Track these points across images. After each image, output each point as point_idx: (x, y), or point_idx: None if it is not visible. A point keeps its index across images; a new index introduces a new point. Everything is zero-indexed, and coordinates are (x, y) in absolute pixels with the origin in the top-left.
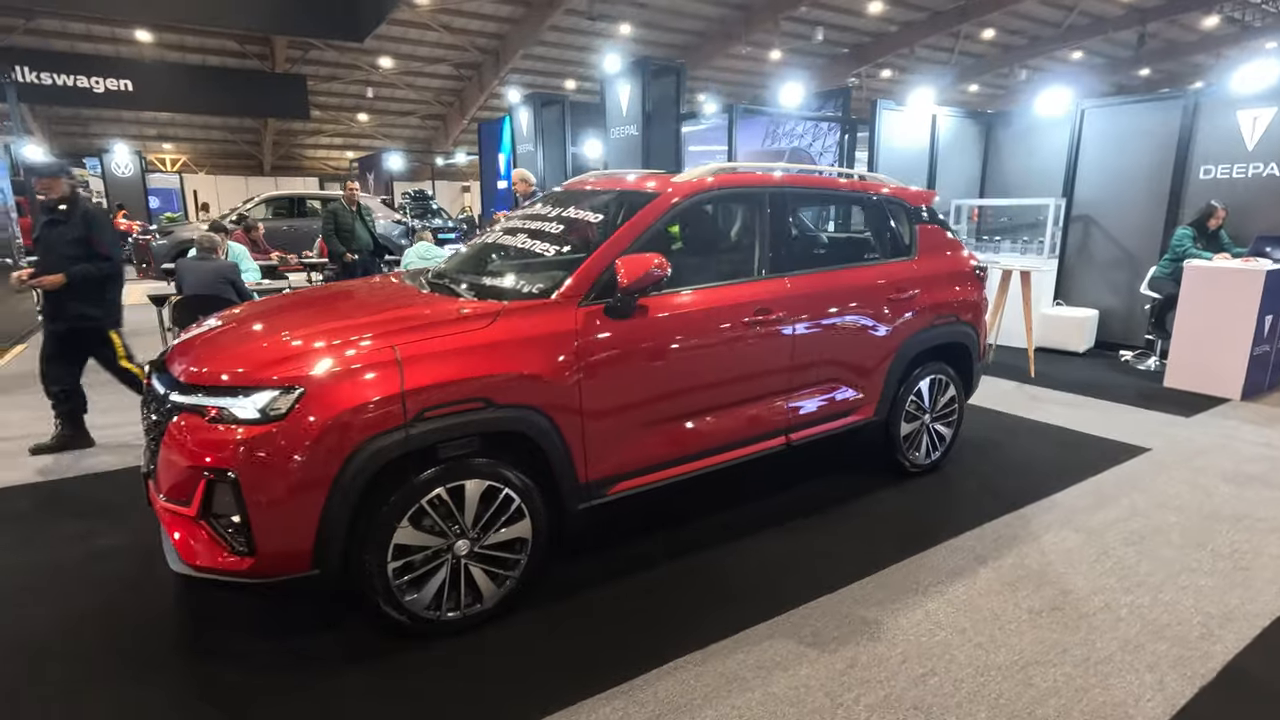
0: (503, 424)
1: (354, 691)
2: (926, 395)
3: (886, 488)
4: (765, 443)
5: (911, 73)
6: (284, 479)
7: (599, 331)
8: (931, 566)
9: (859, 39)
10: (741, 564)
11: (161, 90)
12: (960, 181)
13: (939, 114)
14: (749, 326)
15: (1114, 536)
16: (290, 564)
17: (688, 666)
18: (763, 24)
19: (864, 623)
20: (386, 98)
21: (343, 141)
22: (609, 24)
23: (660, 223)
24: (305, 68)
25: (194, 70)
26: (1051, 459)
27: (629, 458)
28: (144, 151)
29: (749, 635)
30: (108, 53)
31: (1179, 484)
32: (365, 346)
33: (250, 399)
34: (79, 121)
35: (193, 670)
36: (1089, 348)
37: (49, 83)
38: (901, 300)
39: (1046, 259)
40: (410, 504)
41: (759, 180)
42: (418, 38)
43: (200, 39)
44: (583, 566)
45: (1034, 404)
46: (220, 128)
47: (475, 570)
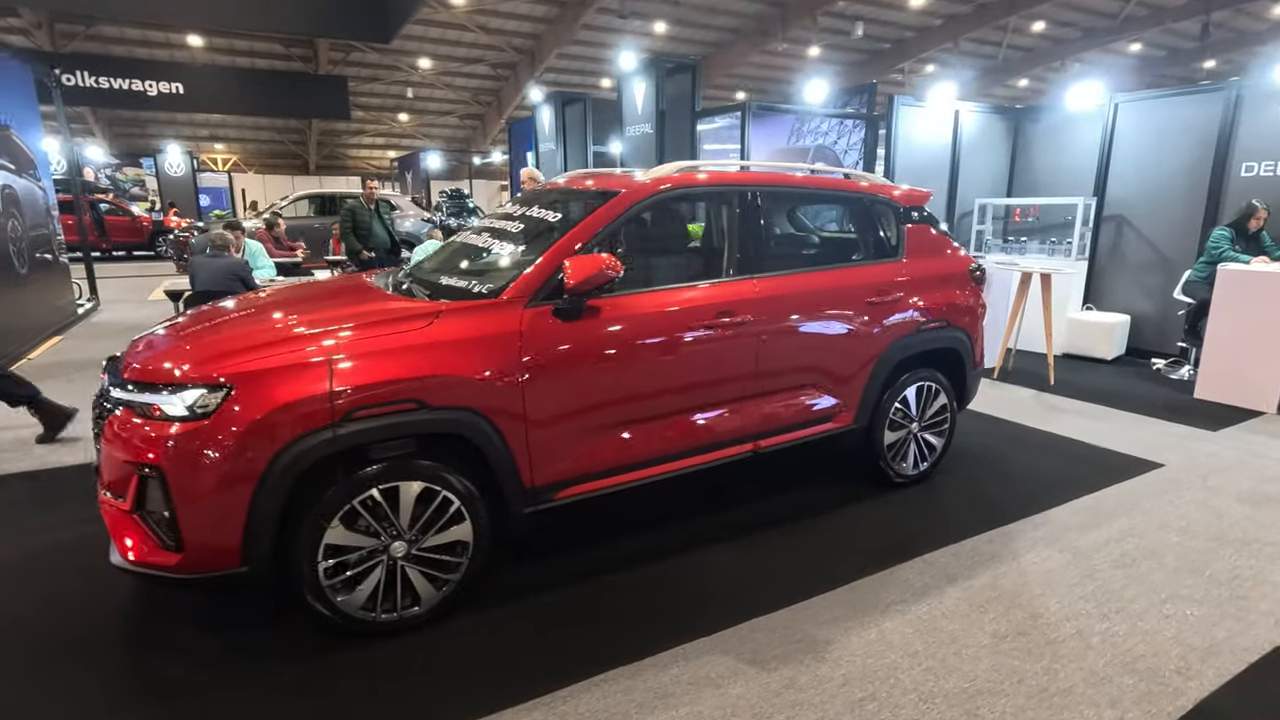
0: (438, 426)
1: (284, 689)
2: (913, 403)
3: (868, 498)
4: (730, 449)
5: (957, 67)
6: (210, 476)
7: (545, 333)
8: (900, 583)
9: (901, 33)
10: (700, 574)
11: (210, 92)
12: (985, 180)
13: (962, 110)
14: (709, 330)
15: (1103, 558)
16: (218, 561)
17: (618, 679)
18: (800, 20)
19: (812, 641)
20: (426, 98)
21: (384, 141)
22: (643, 22)
23: (616, 223)
24: (347, 69)
25: (241, 73)
26: (1053, 473)
27: (579, 462)
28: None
29: (689, 649)
30: (162, 57)
31: (1188, 503)
32: (297, 346)
33: (179, 396)
34: (137, 123)
35: (133, 662)
36: (1119, 355)
37: (106, 86)
38: (884, 304)
39: (1074, 260)
40: (341, 504)
41: (726, 179)
42: (455, 38)
43: (248, 42)
44: (534, 571)
45: (1048, 414)
46: (268, 128)
47: (412, 572)
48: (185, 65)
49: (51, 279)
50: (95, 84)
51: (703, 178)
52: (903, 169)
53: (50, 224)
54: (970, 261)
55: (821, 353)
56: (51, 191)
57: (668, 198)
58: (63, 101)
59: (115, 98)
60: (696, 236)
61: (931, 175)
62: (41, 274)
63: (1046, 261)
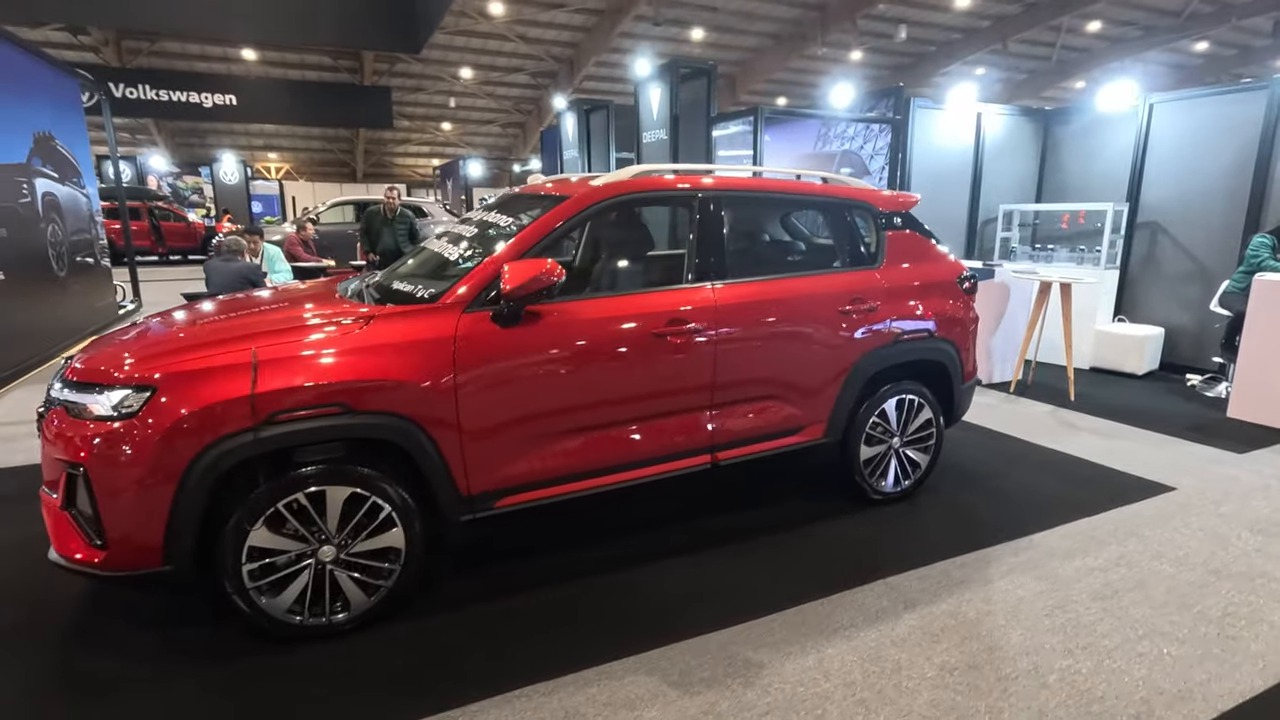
0: (364, 430)
1: (209, 689)
2: (894, 417)
3: (842, 515)
4: (685, 460)
5: (1007, 69)
6: (132, 475)
7: (481, 339)
8: (854, 606)
9: (947, 36)
10: (645, 589)
11: (261, 103)
12: (1011, 185)
13: (985, 112)
14: (658, 338)
15: (1083, 588)
16: (141, 559)
17: (532, 696)
18: (839, 23)
19: (745, 664)
20: (468, 107)
21: (429, 150)
22: (680, 29)
23: (563, 228)
24: (392, 80)
25: (290, 84)
26: (1050, 494)
27: (519, 470)
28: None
29: (614, 668)
30: (219, 70)
31: (1193, 530)
32: (225, 349)
33: (106, 396)
34: (197, 133)
35: (63, 656)
36: (1151, 370)
37: (165, 99)
38: (858, 313)
39: (1103, 269)
40: (265, 507)
41: (686, 184)
42: (496, 48)
43: (299, 55)
44: (476, 579)
45: (1061, 431)
46: (319, 137)
47: (342, 578)
48: (238, 78)
49: (92, 281)
50: (155, 96)
51: (657, 183)
52: (920, 174)
53: (92, 229)
54: (960, 270)
55: (786, 363)
56: (96, 198)
57: (619, 203)
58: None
59: (173, 109)
60: (654, 243)
61: (952, 180)
62: (82, 276)
63: (1066, 270)
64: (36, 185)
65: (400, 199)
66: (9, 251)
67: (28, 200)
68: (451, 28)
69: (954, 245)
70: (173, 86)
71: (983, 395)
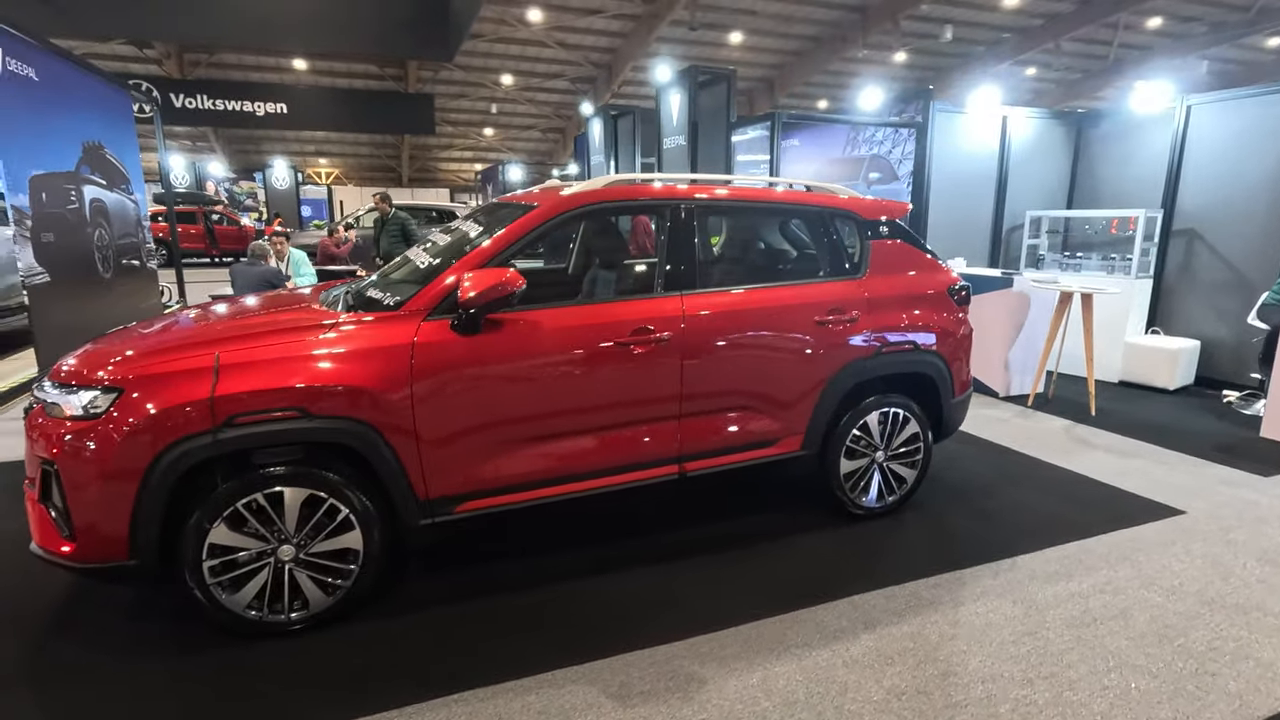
0: (321, 435)
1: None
2: (876, 431)
3: (819, 530)
4: (651, 470)
5: (1061, 70)
6: (97, 471)
7: (440, 347)
8: (813, 624)
9: (995, 35)
10: (604, 598)
11: (310, 111)
12: (1040, 191)
13: (1011, 116)
14: (622, 347)
15: (1058, 615)
16: (107, 552)
17: (470, 701)
18: (880, 25)
19: (688, 679)
20: (510, 113)
21: (472, 155)
22: (719, 33)
23: (529, 237)
24: (436, 87)
25: (337, 92)
26: (1045, 513)
27: (480, 477)
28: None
29: (558, 676)
30: (273, 80)
31: (1194, 558)
32: (190, 353)
33: (77, 396)
34: (252, 140)
35: (36, 642)
36: (1184, 385)
37: (221, 108)
38: (837, 323)
39: (1134, 278)
40: (225, 506)
41: (657, 194)
42: (535, 54)
43: (347, 64)
44: (445, 582)
45: (1073, 448)
46: (366, 143)
47: (301, 577)
48: (289, 87)
49: (138, 283)
50: (212, 106)
51: (627, 192)
52: (942, 179)
53: (140, 233)
54: (951, 280)
55: (758, 375)
56: (144, 204)
57: (587, 213)
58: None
59: (228, 118)
60: (625, 252)
61: (975, 186)
62: (127, 278)
63: (1090, 279)
64: (85, 192)
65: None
66: (56, 255)
67: (75, 206)
68: (491, 35)
69: (977, 253)
70: (227, 96)
71: (997, 409)
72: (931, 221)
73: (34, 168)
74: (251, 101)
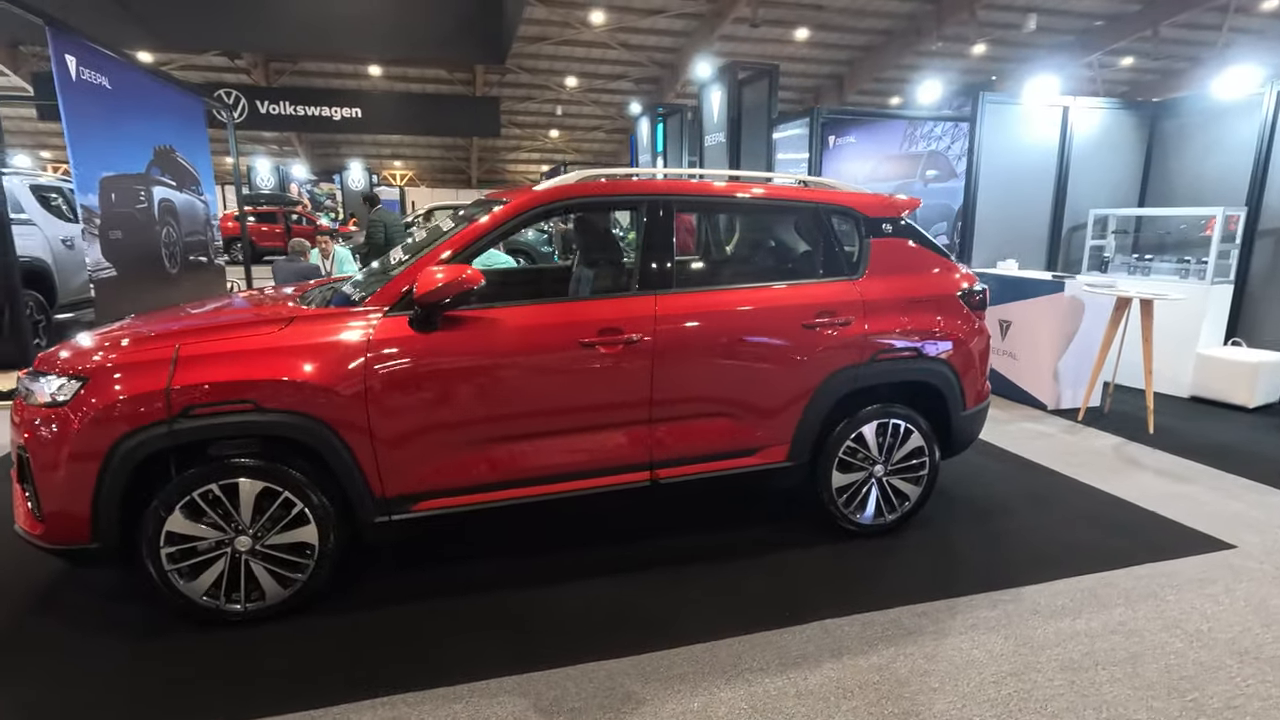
0: (274, 429)
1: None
2: (874, 443)
3: (805, 547)
4: (621, 476)
5: (1162, 59)
6: (60, 457)
7: (398, 343)
8: (775, 647)
9: (1085, 23)
10: (558, 607)
11: (382, 115)
12: (1105, 188)
13: (1073, 107)
14: (586, 348)
15: (1055, 655)
16: (71, 534)
17: (398, 705)
18: (956, 15)
19: (625, 698)
20: (575, 114)
21: (539, 157)
22: (784, 30)
23: (492, 234)
24: (503, 90)
25: (409, 97)
26: (1069, 541)
27: (438, 476)
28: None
29: (493, 685)
30: (350, 86)
31: (1234, 600)
32: (153, 346)
33: (47, 383)
34: (333, 144)
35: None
36: (1266, 403)
37: (301, 114)
38: (827, 327)
39: (1209, 284)
40: (181, 495)
41: (629, 189)
42: (599, 56)
43: (419, 70)
44: (409, 581)
45: (1119, 468)
46: (438, 146)
47: (257, 568)
48: (364, 93)
49: (204, 278)
50: (294, 112)
51: (600, 188)
52: (991, 175)
53: (208, 231)
54: (964, 282)
55: (737, 379)
56: (214, 204)
57: (557, 208)
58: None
59: (308, 123)
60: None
61: (1030, 183)
62: (194, 273)
63: (1147, 284)
64: (154, 192)
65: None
66: (124, 251)
67: (144, 206)
68: (556, 38)
69: (1032, 254)
70: (307, 102)
71: (1042, 422)
72: (980, 220)
73: (104, 169)
74: (329, 107)
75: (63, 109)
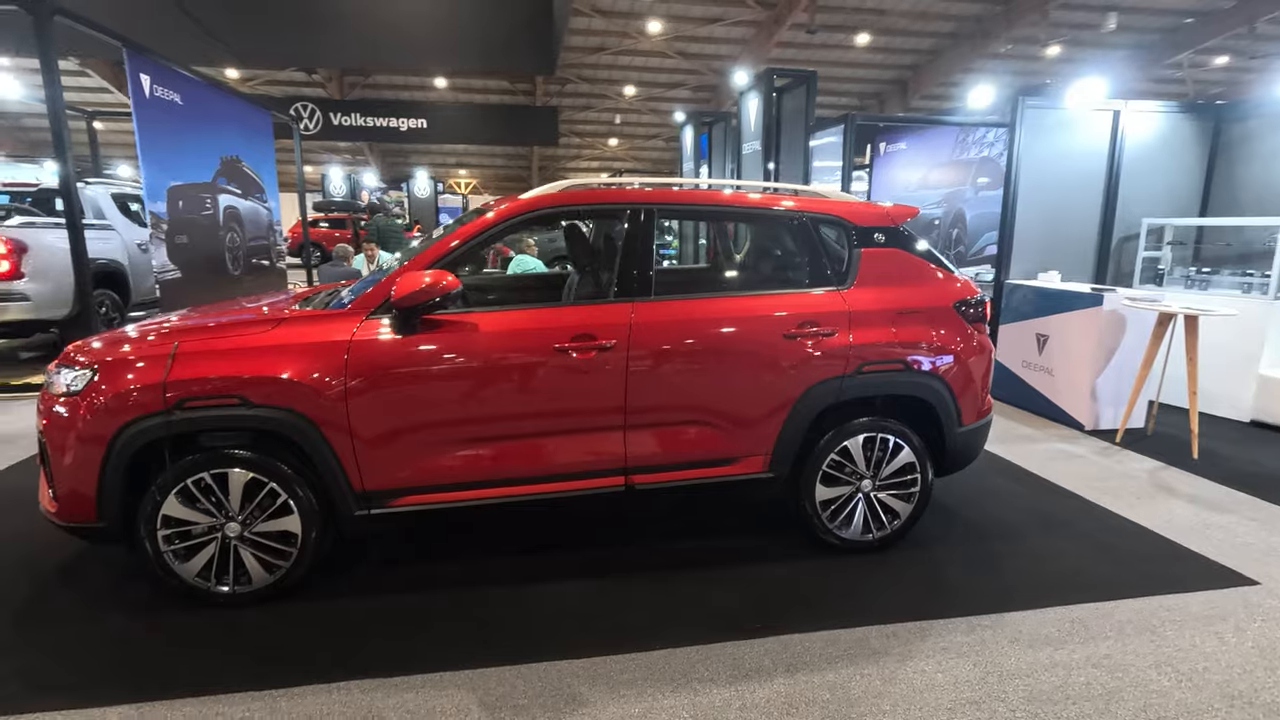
0: (259, 423)
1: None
2: (860, 457)
3: (785, 561)
4: (594, 480)
5: (1262, 56)
6: (70, 441)
7: (377, 345)
8: (729, 659)
9: (1173, 22)
10: (524, 606)
11: (446, 125)
12: (1162, 197)
13: (1125, 110)
14: (560, 353)
15: (1024, 686)
16: (79, 513)
17: (352, 690)
18: (1026, 16)
19: (569, 699)
20: (633, 123)
21: (598, 165)
22: (845, 35)
23: (479, 240)
24: (563, 99)
25: (471, 107)
26: (1068, 567)
27: (414, 473)
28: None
29: (446, 678)
30: (418, 98)
31: (1242, 639)
32: (154, 341)
33: (65, 375)
34: (402, 153)
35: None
36: None
37: (371, 125)
38: (809, 338)
39: (1273, 299)
40: (176, 481)
41: (612, 197)
42: (658, 65)
43: (483, 81)
44: (393, 574)
45: (1149, 495)
46: (501, 155)
47: (245, 554)
48: (429, 104)
49: (265, 281)
50: (364, 123)
51: (582, 196)
52: (1032, 181)
53: (270, 236)
54: (959, 294)
55: (713, 388)
56: (278, 211)
57: (540, 217)
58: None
59: (378, 133)
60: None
61: (1076, 191)
62: (256, 276)
63: (1195, 299)
64: (219, 200)
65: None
66: (190, 254)
67: (210, 212)
68: (614, 48)
69: (1078, 266)
70: (377, 114)
71: (1075, 443)
72: (1020, 230)
73: (172, 179)
74: (397, 118)
75: (136, 123)
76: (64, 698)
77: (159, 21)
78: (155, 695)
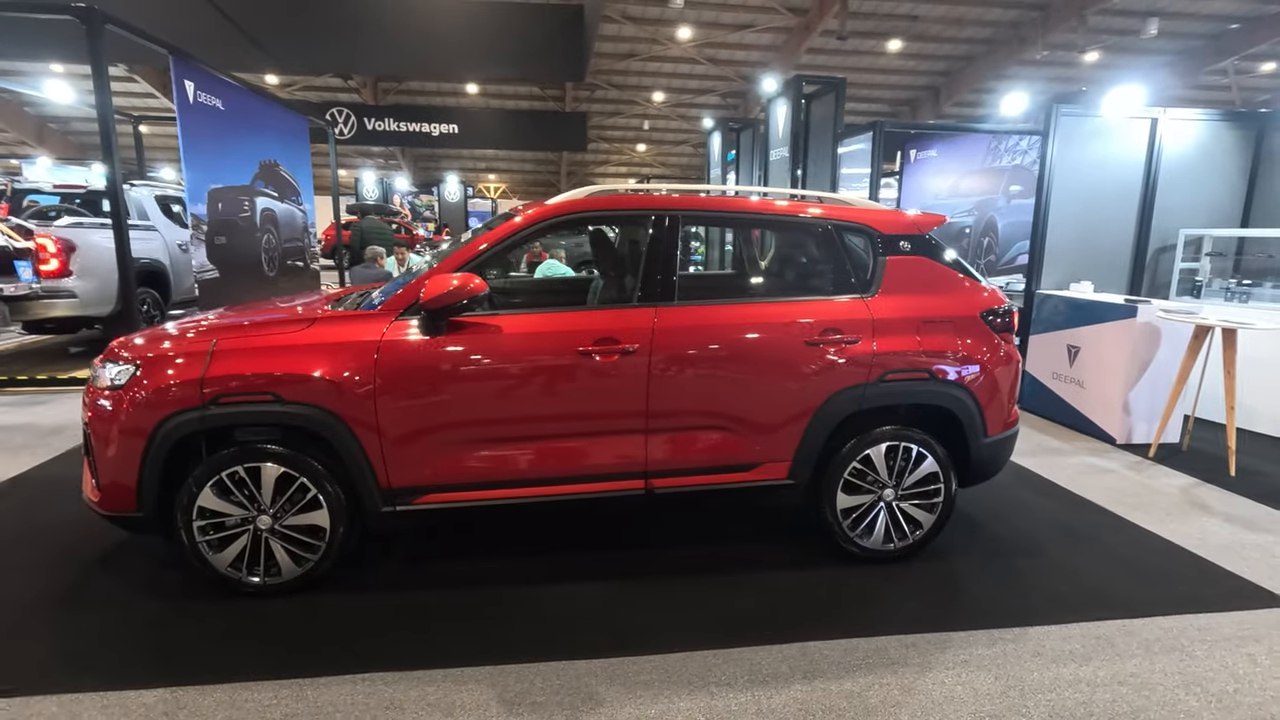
0: (290, 419)
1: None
2: (883, 465)
3: (805, 568)
4: (615, 483)
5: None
6: (113, 434)
7: (405, 345)
8: (748, 665)
9: (1218, 28)
10: (546, 605)
11: (476, 130)
12: (1202, 207)
13: (1164, 119)
14: (583, 356)
15: (1045, 701)
16: (121, 503)
17: (375, 682)
18: (1064, 22)
19: (586, 698)
20: (662, 129)
21: (626, 170)
22: (876, 41)
23: (506, 244)
24: (592, 105)
25: (501, 113)
26: (1095, 584)
27: (439, 472)
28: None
29: (466, 673)
30: (450, 104)
31: (1276, 661)
32: (192, 339)
33: (109, 369)
34: (433, 158)
35: (83, 573)
36: None
37: (404, 130)
38: (831, 345)
39: None
40: (212, 474)
41: (637, 204)
42: (687, 71)
43: (513, 87)
44: (417, 571)
45: (1181, 511)
46: (530, 160)
47: (275, 546)
48: (460, 109)
49: (299, 281)
50: (397, 128)
51: (608, 202)
52: (1065, 190)
53: (305, 238)
54: (986, 303)
55: (735, 394)
56: (313, 213)
57: (566, 222)
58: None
59: (410, 138)
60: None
61: (1111, 201)
62: (290, 277)
63: (1234, 312)
64: (257, 203)
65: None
66: (227, 255)
67: (247, 215)
68: (644, 54)
69: (1112, 277)
70: (409, 119)
71: (1106, 457)
72: (1053, 239)
73: (213, 182)
74: (428, 123)
75: (180, 127)
76: (103, 680)
77: (203, 29)
78: (188, 680)
